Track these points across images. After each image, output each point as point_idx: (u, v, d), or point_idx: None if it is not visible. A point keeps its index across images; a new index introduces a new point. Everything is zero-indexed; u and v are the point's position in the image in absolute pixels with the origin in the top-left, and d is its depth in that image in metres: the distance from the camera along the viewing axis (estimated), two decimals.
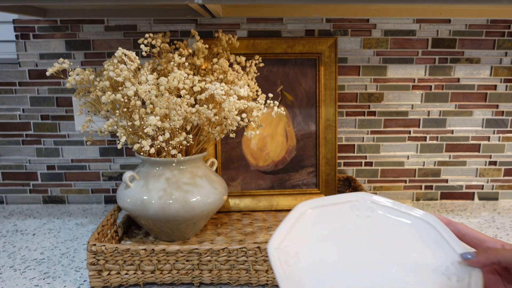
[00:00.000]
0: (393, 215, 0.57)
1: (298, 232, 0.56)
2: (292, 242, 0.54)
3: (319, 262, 0.53)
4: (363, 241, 0.56)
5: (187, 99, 0.76)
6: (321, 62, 0.98)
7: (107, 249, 0.68)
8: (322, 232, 0.57)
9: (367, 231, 0.57)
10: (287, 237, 0.54)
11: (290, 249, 0.53)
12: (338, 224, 0.58)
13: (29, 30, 0.99)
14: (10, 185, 1.08)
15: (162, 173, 0.78)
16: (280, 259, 0.51)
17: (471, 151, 1.07)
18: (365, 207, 0.59)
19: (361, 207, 0.59)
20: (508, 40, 1.00)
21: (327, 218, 0.58)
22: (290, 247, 0.54)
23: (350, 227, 0.58)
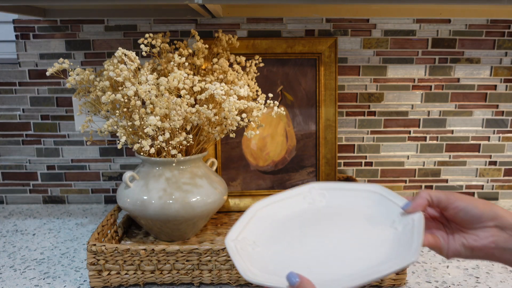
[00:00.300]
0: (342, 195, 0.62)
1: (254, 226, 0.59)
2: (249, 234, 0.57)
3: (276, 246, 0.56)
4: (318, 221, 0.59)
5: (187, 99, 0.76)
6: (321, 62, 0.98)
7: (107, 249, 0.68)
8: (278, 222, 0.60)
9: (321, 213, 0.60)
10: (244, 230, 0.58)
11: (247, 240, 0.56)
12: (293, 214, 0.61)
13: (29, 30, 0.99)
14: (10, 185, 1.08)
15: (162, 173, 0.78)
16: (237, 248, 0.54)
17: (471, 151, 1.07)
18: (317, 194, 0.63)
19: (312, 195, 0.63)
20: (508, 40, 1.00)
21: (282, 211, 0.61)
22: (247, 238, 0.57)
23: (305, 214, 0.61)
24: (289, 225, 0.60)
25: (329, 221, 0.59)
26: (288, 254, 0.54)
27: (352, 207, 0.60)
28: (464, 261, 0.79)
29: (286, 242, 0.57)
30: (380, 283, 0.70)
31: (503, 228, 0.48)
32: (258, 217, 0.60)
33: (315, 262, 0.52)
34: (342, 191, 0.62)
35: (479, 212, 0.49)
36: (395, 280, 0.70)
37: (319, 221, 0.59)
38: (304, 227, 0.59)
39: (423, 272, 0.75)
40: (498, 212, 0.48)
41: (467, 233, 0.51)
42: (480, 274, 0.74)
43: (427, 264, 0.78)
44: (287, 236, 0.57)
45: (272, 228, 0.59)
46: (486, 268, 0.76)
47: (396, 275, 0.70)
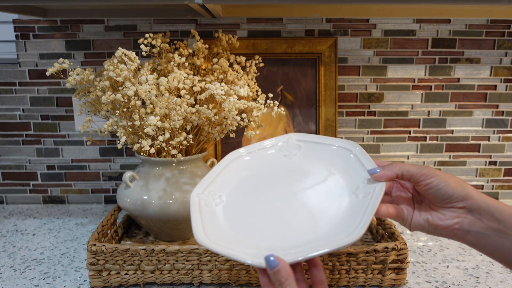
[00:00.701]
0: (317, 149, 0.61)
1: (225, 178, 0.58)
2: (217, 187, 0.57)
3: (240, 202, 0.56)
4: (289, 177, 0.59)
5: (187, 99, 0.76)
6: (321, 62, 0.98)
7: (107, 249, 0.68)
8: (250, 175, 0.60)
9: (293, 167, 0.60)
10: (213, 183, 0.57)
11: (214, 193, 0.56)
12: (266, 167, 0.61)
13: (29, 30, 0.99)
14: (10, 185, 1.08)
15: (162, 173, 0.78)
16: (200, 204, 0.54)
17: (471, 151, 1.07)
18: (293, 146, 0.62)
19: (289, 147, 0.62)
20: (508, 40, 1.00)
21: (257, 163, 0.61)
22: (214, 192, 0.57)
23: (278, 167, 0.61)
24: (259, 179, 0.59)
25: (296, 180, 0.58)
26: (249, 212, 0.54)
27: (324, 164, 0.59)
28: (464, 261, 0.79)
29: (251, 198, 0.56)
30: (380, 283, 0.70)
31: (471, 210, 0.48)
32: (231, 168, 0.60)
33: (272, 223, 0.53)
34: (318, 145, 0.61)
35: (450, 191, 0.48)
36: (395, 280, 0.70)
37: (289, 177, 0.59)
38: (271, 185, 0.58)
39: (423, 272, 0.75)
40: (469, 192, 0.48)
41: (434, 210, 0.51)
42: (480, 274, 0.74)
43: (427, 264, 0.78)
44: (254, 191, 0.57)
45: (240, 183, 0.59)
46: (486, 268, 0.76)
47: (396, 275, 0.70)
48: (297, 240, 0.50)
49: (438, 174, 0.49)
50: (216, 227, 0.52)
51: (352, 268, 0.69)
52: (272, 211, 0.55)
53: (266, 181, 0.59)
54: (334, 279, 0.70)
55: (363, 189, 0.53)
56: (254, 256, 0.46)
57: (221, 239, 0.50)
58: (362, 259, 0.69)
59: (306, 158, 0.61)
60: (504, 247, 0.46)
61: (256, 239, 0.51)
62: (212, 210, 0.55)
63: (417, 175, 0.49)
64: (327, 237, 0.48)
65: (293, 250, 0.47)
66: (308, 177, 0.59)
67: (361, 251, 0.68)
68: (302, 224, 0.52)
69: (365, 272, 0.70)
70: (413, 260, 0.79)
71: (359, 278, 0.70)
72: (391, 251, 0.69)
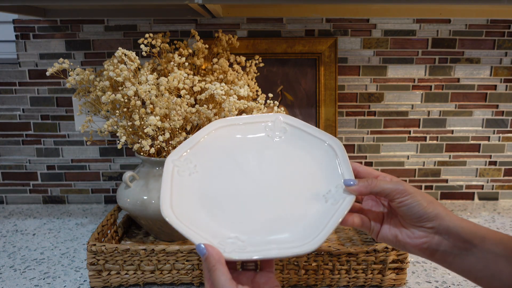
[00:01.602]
0: (302, 137, 0.59)
1: (203, 147, 0.56)
2: (195, 156, 0.56)
3: (212, 176, 0.55)
4: (266, 160, 0.57)
5: (187, 99, 0.76)
6: (321, 62, 0.98)
7: (107, 249, 0.68)
8: (229, 149, 0.58)
9: (273, 151, 0.58)
10: (191, 151, 0.56)
11: (189, 161, 0.55)
12: (247, 143, 0.59)
13: (29, 30, 0.99)
14: (10, 185, 1.08)
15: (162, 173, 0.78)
16: (173, 172, 0.53)
17: (471, 151, 1.07)
18: (279, 128, 0.60)
19: (274, 128, 0.60)
20: (508, 40, 1.00)
21: (239, 137, 0.59)
22: (190, 160, 0.55)
23: (259, 146, 0.59)
24: (237, 154, 0.57)
25: (275, 166, 0.57)
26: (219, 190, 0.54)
27: (304, 155, 0.57)
28: None
29: (224, 174, 0.55)
30: (380, 283, 0.70)
31: (439, 231, 0.48)
32: (212, 137, 0.58)
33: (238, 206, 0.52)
34: (303, 133, 0.59)
35: (421, 211, 0.48)
36: (395, 280, 0.70)
37: (267, 159, 0.57)
38: (249, 162, 0.57)
39: (423, 272, 0.75)
40: (440, 213, 0.48)
41: (404, 227, 0.51)
42: None
43: (427, 264, 0.78)
44: (229, 167, 0.56)
45: (218, 154, 0.57)
46: None
47: (396, 275, 0.70)
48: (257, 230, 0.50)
49: (413, 192, 0.49)
50: (184, 202, 0.51)
51: (352, 268, 0.69)
52: (242, 193, 0.54)
53: (243, 159, 0.57)
54: (334, 279, 0.70)
55: (334, 195, 0.52)
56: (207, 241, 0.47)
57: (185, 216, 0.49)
58: (362, 259, 0.69)
59: (289, 143, 0.59)
60: (470, 264, 0.46)
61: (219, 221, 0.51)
62: (184, 180, 0.53)
63: (392, 193, 0.49)
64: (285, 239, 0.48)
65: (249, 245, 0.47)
66: (285, 164, 0.57)
67: (361, 251, 0.68)
68: (267, 216, 0.52)
69: (365, 272, 0.70)
70: (413, 260, 0.79)
71: (359, 278, 0.70)
72: (391, 251, 0.69)
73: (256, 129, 0.60)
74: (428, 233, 0.49)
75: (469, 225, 0.47)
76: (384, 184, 0.50)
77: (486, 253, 0.45)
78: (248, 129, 0.60)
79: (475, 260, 0.46)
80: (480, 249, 0.46)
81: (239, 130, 0.60)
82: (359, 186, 0.50)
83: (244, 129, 0.60)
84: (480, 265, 0.46)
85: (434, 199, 0.50)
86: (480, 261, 0.46)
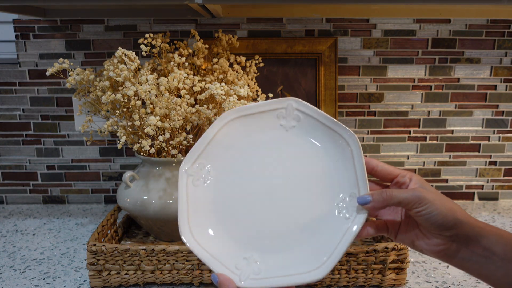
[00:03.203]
0: (317, 128, 0.55)
1: (215, 147, 0.55)
2: (207, 158, 0.55)
3: (228, 179, 0.55)
4: (279, 157, 0.55)
5: (187, 99, 0.76)
6: (321, 62, 0.98)
7: (107, 249, 0.68)
8: (241, 147, 0.56)
9: (286, 145, 0.56)
10: (203, 154, 0.55)
11: (203, 165, 0.55)
12: (260, 136, 0.56)
13: (29, 30, 0.99)
14: (10, 185, 1.08)
15: (162, 173, 0.78)
16: (188, 183, 0.53)
17: (471, 151, 1.07)
18: (292, 116, 0.56)
19: (287, 115, 0.56)
20: (508, 40, 1.00)
21: (250, 129, 0.56)
22: (203, 164, 0.55)
23: (273, 138, 0.56)
24: (248, 152, 0.56)
25: (289, 159, 0.55)
26: (232, 198, 0.54)
27: (319, 150, 0.55)
28: None
29: (237, 178, 0.55)
30: (380, 283, 0.70)
31: (458, 239, 0.47)
32: (223, 133, 0.55)
33: (251, 215, 0.53)
34: (318, 124, 0.54)
35: (440, 220, 0.46)
36: (395, 280, 0.70)
37: (280, 156, 0.55)
38: (264, 158, 0.55)
39: (423, 272, 0.75)
40: (459, 221, 0.46)
41: (421, 233, 0.49)
42: None
43: (427, 264, 0.78)
44: (240, 168, 0.55)
45: (231, 153, 0.56)
46: None
47: (396, 275, 0.70)
48: (270, 247, 0.52)
49: (432, 200, 0.46)
50: (200, 217, 0.52)
51: (352, 268, 0.69)
52: (254, 199, 0.54)
53: (255, 158, 0.56)
54: (334, 279, 0.70)
55: (347, 207, 0.51)
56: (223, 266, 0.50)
57: (203, 236, 0.52)
58: (362, 259, 0.69)
59: (303, 135, 0.56)
60: (489, 271, 0.46)
61: (234, 237, 0.52)
62: (199, 191, 0.53)
63: (410, 203, 0.47)
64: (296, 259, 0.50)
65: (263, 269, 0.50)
66: (299, 161, 0.55)
67: (361, 251, 0.68)
68: (279, 228, 0.53)
69: (365, 272, 0.70)
70: (413, 260, 0.79)
71: (359, 278, 0.70)
72: (391, 251, 0.69)
73: (267, 118, 0.57)
74: (446, 241, 0.47)
75: (489, 233, 0.46)
76: (399, 194, 0.47)
77: (507, 261, 0.44)
78: (259, 119, 0.57)
79: (495, 268, 0.45)
80: (500, 257, 0.45)
81: (250, 121, 0.57)
82: (373, 203, 0.48)
83: (255, 120, 0.57)
84: (499, 273, 0.45)
85: (454, 204, 0.48)
86: (500, 269, 0.45)
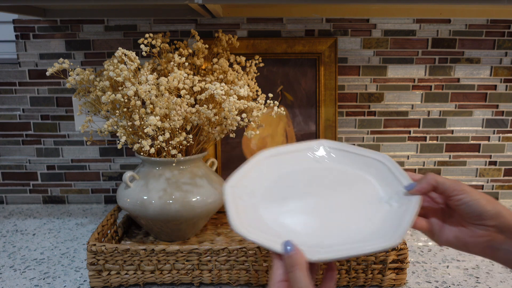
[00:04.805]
0: (349, 157, 0.61)
1: (256, 175, 0.59)
2: (250, 182, 0.57)
3: (273, 200, 0.56)
4: (319, 182, 0.59)
5: (187, 99, 0.76)
6: (321, 62, 0.98)
7: (107, 249, 0.68)
8: (279, 176, 0.60)
9: (323, 171, 0.60)
10: (245, 178, 0.58)
11: (246, 188, 0.57)
12: (296, 167, 0.61)
13: (29, 30, 0.99)
14: (10, 185, 1.08)
15: (162, 173, 0.78)
16: (234, 196, 0.54)
17: (471, 151, 1.07)
18: (324, 153, 0.62)
19: (320, 153, 0.62)
20: (508, 40, 1.00)
21: (286, 163, 0.61)
22: (246, 186, 0.57)
23: (309, 169, 0.61)
24: (290, 180, 0.59)
25: (329, 183, 0.58)
26: (282, 211, 0.54)
27: (356, 172, 0.59)
28: (464, 261, 0.79)
29: (283, 197, 0.56)
30: (380, 283, 0.70)
31: (502, 229, 0.47)
32: (262, 166, 0.60)
33: (305, 224, 0.53)
34: (349, 154, 0.61)
35: (480, 209, 0.48)
36: (395, 280, 0.70)
37: (320, 181, 0.59)
38: (304, 186, 0.58)
39: (423, 272, 0.75)
40: (501, 211, 0.47)
41: (464, 226, 0.50)
42: (480, 274, 0.74)
43: (427, 264, 0.78)
44: (286, 192, 0.57)
45: (272, 181, 0.59)
46: (486, 268, 0.76)
47: (396, 275, 0.70)
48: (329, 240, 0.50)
49: (470, 191, 0.49)
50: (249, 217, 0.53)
51: (352, 268, 0.69)
52: (304, 209, 0.55)
53: (297, 181, 0.59)
54: None
55: (398, 200, 0.53)
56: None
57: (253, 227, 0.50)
58: (362, 259, 0.69)
59: (338, 164, 0.61)
60: None
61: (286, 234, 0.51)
62: (245, 203, 0.55)
63: (450, 189, 0.49)
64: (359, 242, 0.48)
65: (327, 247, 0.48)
66: (340, 180, 0.59)
67: None
68: (335, 225, 0.52)
69: (365, 272, 0.70)
70: (413, 260, 0.79)
71: (359, 278, 0.70)
72: (391, 251, 0.69)
73: (302, 156, 0.62)
74: (490, 232, 0.48)
75: None
76: (442, 179, 0.50)
77: None
78: (294, 156, 0.62)
79: None
80: None
81: (286, 158, 0.62)
82: (421, 185, 0.50)
83: (291, 157, 0.62)
84: None
85: (493, 198, 0.49)
86: None
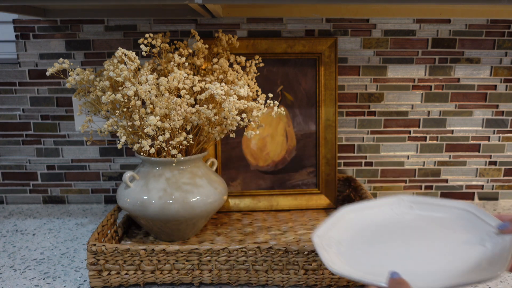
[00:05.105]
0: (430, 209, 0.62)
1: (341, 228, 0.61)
2: (335, 234, 0.59)
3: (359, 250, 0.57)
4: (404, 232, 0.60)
5: (187, 99, 0.76)
6: (321, 62, 0.98)
7: (107, 249, 0.68)
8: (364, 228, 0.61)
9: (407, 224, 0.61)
10: (331, 230, 0.60)
11: (333, 239, 0.58)
12: (379, 222, 0.62)
13: (29, 30, 0.99)
14: (10, 185, 1.08)
15: (162, 173, 0.78)
16: (322, 244, 0.55)
17: (471, 151, 1.07)
18: (404, 206, 0.64)
19: (400, 206, 0.64)
20: (508, 40, 1.00)
21: (369, 217, 0.63)
22: (333, 237, 0.58)
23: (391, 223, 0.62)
24: (375, 232, 0.60)
25: (415, 232, 0.59)
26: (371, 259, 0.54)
27: (439, 221, 0.60)
28: None
29: (370, 247, 0.57)
30: None
31: None
32: (345, 220, 0.62)
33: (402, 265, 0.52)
34: (431, 206, 0.62)
35: None
36: None
37: (405, 231, 0.59)
38: (389, 236, 0.59)
39: None
40: None
41: None
42: None
43: None
44: (371, 242, 0.58)
45: (357, 233, 0.60)
46: None
47: None
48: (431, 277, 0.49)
49: None
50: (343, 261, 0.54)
51: None
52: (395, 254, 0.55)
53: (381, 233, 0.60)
54: (334, 279, 0.70)
55: (490, 240, 0.52)
56: None
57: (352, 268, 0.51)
58: None
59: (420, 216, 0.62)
60: None
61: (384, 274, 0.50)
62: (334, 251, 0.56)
63: None
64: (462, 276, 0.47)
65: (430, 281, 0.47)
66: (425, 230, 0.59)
67: None
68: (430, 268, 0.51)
69: None
70: None
71: None
72: None
73: (383, 211, 0.64)
74: None
75: None
76: None
77: None
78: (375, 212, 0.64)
79: None
80: None
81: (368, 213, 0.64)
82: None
83: (373, 212, 0.64)
84: None
85: None
86: None
